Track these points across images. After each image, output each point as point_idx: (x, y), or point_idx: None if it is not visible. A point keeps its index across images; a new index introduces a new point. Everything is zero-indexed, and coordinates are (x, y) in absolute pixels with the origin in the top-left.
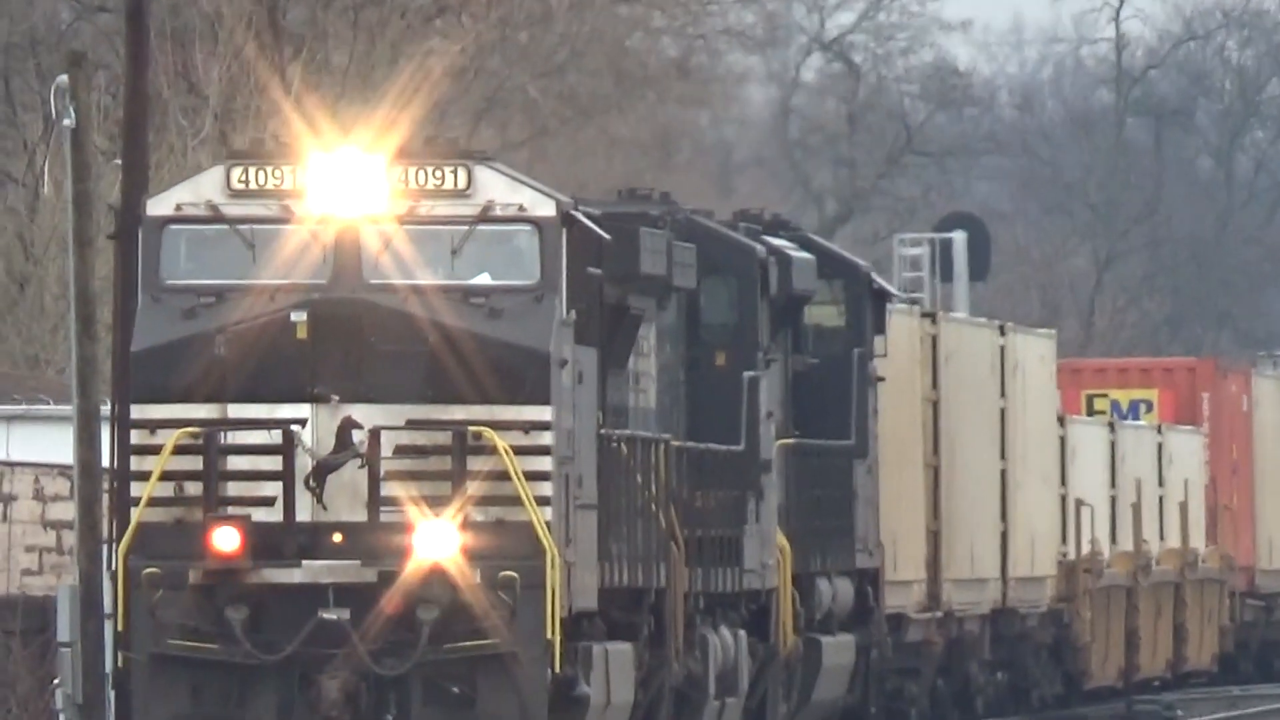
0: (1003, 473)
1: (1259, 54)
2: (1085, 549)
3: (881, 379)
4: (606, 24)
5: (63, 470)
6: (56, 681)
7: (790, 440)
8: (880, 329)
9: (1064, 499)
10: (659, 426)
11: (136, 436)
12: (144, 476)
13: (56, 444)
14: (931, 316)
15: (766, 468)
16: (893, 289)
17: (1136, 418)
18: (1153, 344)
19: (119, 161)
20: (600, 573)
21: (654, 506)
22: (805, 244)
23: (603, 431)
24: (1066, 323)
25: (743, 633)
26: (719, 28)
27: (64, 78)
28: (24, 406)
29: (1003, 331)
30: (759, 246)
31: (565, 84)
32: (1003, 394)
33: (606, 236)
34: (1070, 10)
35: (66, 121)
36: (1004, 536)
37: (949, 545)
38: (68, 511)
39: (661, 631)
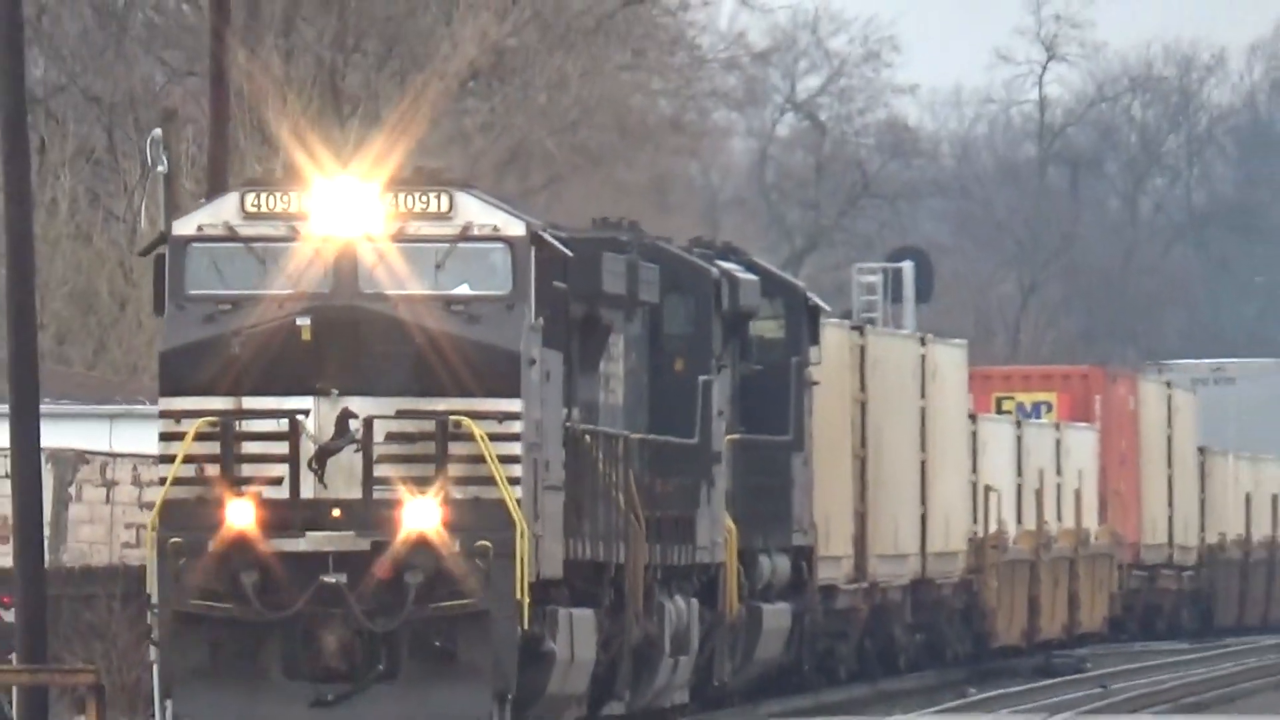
0: (922, 463)
1: (1158, 114)
2: (993, 528)
3: (816, 383)
4: (613, 87)
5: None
6: (153, 636)
7: (737, 436)
8: (815, 340)
9: (975, 485)
10: (626, 422)
11: (164, 425)
12: (170, 459)
13: (152, 438)
14: (860, 330)
15: (717, 459)
16: (825, 305)
17: (1039, 417)
18: (1069, 357)
19: (203, 201)
20: (566, 547)
21: (615, 491)
22: (750, 267)
23: (568, 424)
24: (996, 339)
25: (694, 601)
26: (707, 90)
27: (158, 131)
28: (124, 406)
29: (923, 342)
30: (713, 269)
31: (578, 138)
32: (923, 395)
33: (570, 254)
34: (1001, 76)
35: (160, 168)
36: (923, 518)
37: (874, 525)
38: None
39: (622, 600)
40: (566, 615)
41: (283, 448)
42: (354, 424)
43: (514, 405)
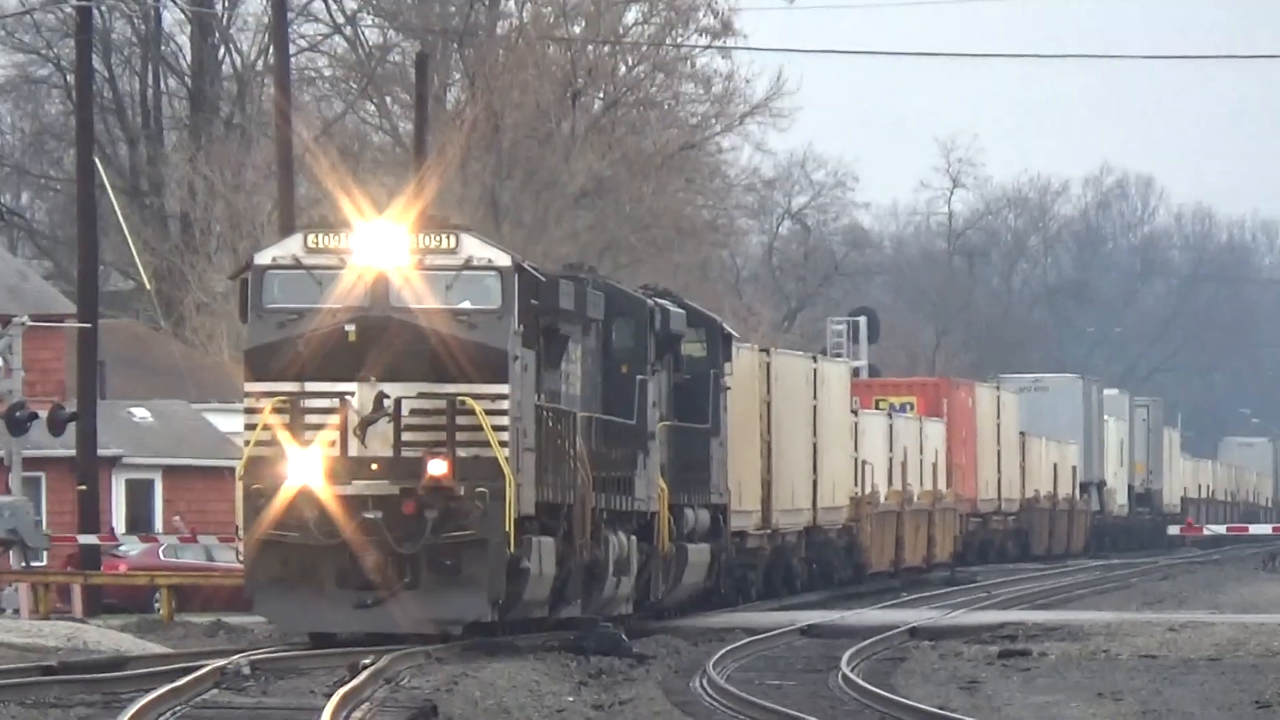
0: (814, 445)
1: (1026, 223)
2: (868, 490)
3: (729, 388)
4: (673, 202)
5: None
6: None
7: (669, 423)
8: (728, 358)
9: (856, 460)
10: (583, 408)
11: (248, 403)
12: (253, 427)
13: None
14: (766, 351)
15: (652, 436)
16: (735, 333)
17: (904, 413)
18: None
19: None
20: (537, 492)
21: (572, 453)
22: (681, 304)
23: (538, 404)
24: (920, 368)
25: (634, 538)
26: (734, 204)
27: None
28: None
29: (814, 360)
30: (648, 300)
31: (650, 234)
32: (814, 397)
33: (543, 279)
34: (924, 197)
35: None
36: (814, 483)
37: (777, 488)
38: None
39: (572, 531)
40: (537, 541)
41: (335, 419)
42: (387, 402)
43: (503, 389)
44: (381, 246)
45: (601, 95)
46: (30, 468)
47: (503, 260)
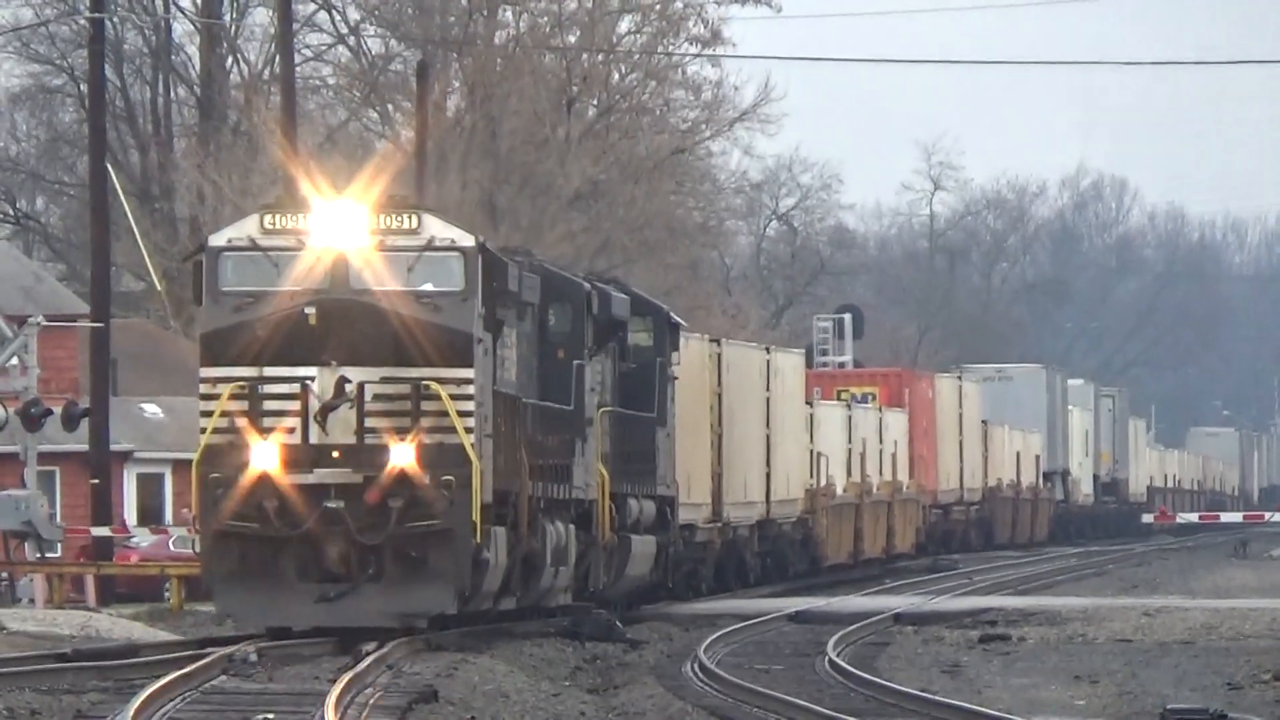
0: (768, 437)
1: (1005, 223)
2: (823, 482)
3: (676, 378)
4: (665, 204)
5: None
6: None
7: (611, 409)
8: (675, 347)
9: (811, 452)
10: (519, 393)
11: (204, 389)
12: (209, 414)
13: None
14: (717, 342)
15: (590, 423)
16: (683, 322)
17: (867, 403)
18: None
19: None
20: (494, 480)
21: (517, 440)
22: (626, 291)
23: (495, 388)
24: (902, 362)
25: (572, 527)
26: (723, 206)
27: None
28: None
29: (768, 350)
30: (585, 283)
31: (642, 236)
32: (768, 389)
33: (504, 260)
34: (906, 199)
35: None
36: (768, 476)
37: (728, 480)
38: None
39: (518, 520)
40: (495, 532)
41: (295, 405)
42: (349, 387)
43: (469, 374)
44: (341, 227)
45: (595, 102)
46: (45, 462)
47: (466, 241)
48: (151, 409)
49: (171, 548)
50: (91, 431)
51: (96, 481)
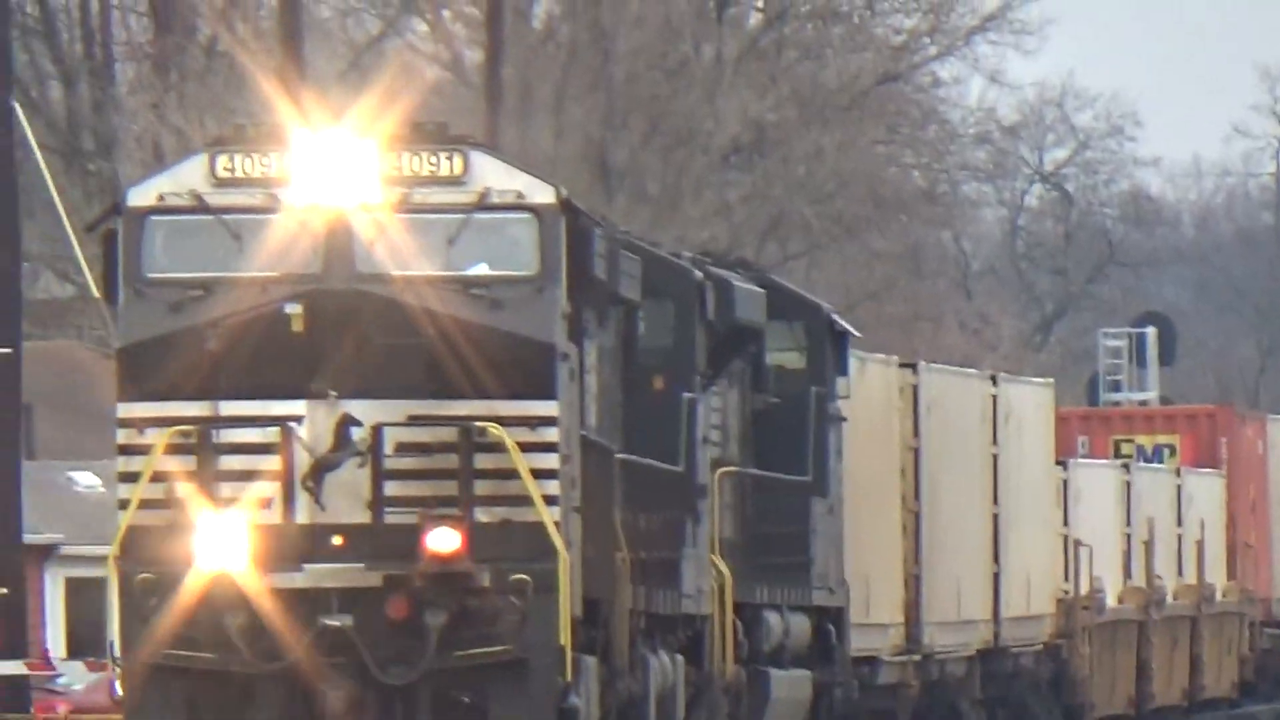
0: (995, 516)
1: None
2: (1085, 588)
3: (844, 420)
4: (867, 160)
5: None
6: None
7: (732, 469)
8: (842, 370)
9: (1065, 539)
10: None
11: (123, 436)
12: (133, 478)
13: None
14: (912, 367)
15: (703, 492)
16: (854, 331)
17: (1160, 461)
18: None
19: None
20: (584, 579)
21: (612, 516)
22: (764, 283)
23: (584, 433)
24: (1237, 400)
25: (680, 658)
26: (958, 163)
27: None
28: None
29: (995, 381)
30: (695, 271)
31: (834, 208)
32: (995, 440)
33: (602, 225)
34: (1239, 149)
35: None
36: (995, 578)
37: (931, 588)
38: None
39: (610, 646)
40: (586, 664)
41: (272, 462)
42: (357, 433)
43: (549, 408)
44: (339, 173)
45: (760, 5)
46: None
47: (541, 194)
48: (86, 479)
49: (120, 692)
50: None
51: (3, 591)
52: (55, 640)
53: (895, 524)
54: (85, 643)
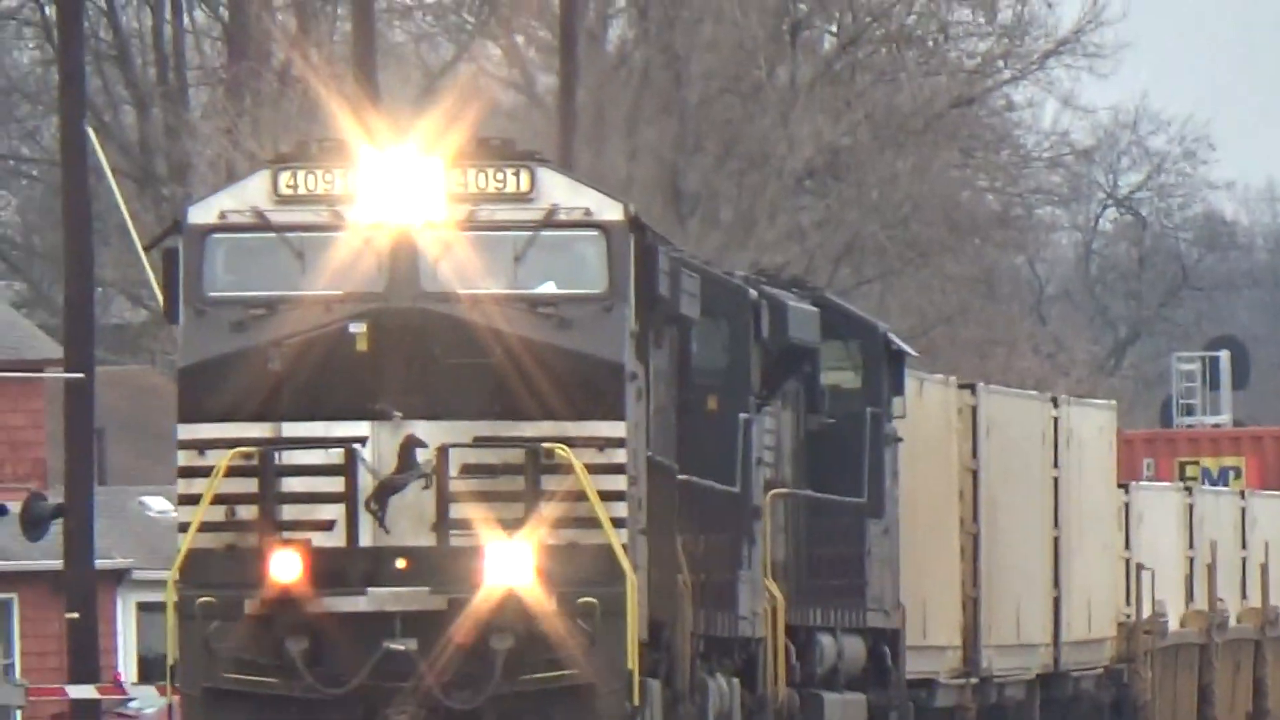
0: (1055, 540)
1: None
2: (1148, 611)
3: (900, 440)
4: (941, 184)
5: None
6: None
7: (786, 490)
8: (898, 390)
9: (1128, 563)
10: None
11: (184, 458)
12: (194, 500)
13: None
14: (971, 388)
15: (757, 514)
16: (910, 349)
17: (1225, 484)
18: None
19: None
20: (649, 603)
21: (675, 539)
22: (819, 302)
23: (649, 454)
24: None
25: (735, 681)
26: (1031, 187)
27: None
28: None
29: (1056, 404)
30: (750, 290)
31: (908, 232)
32: (1056, 462)
33: (671, 244)
34: None
35: None
36: (1056, 602)
37: (990, 611)
38: None
39: (673, 669)
40: (652, 687)
41: (335, 484)
42: (422, 454)
43: (618, 430)
44: (404, 190)
45: (834, 29)
46: None
47: (610, 211)
48: (158, 504)
49: (178, 718)
50: (67, 539)
51: (75, 615)
52: (127, 665)
53: (953, 546)
54: (157, 667)
